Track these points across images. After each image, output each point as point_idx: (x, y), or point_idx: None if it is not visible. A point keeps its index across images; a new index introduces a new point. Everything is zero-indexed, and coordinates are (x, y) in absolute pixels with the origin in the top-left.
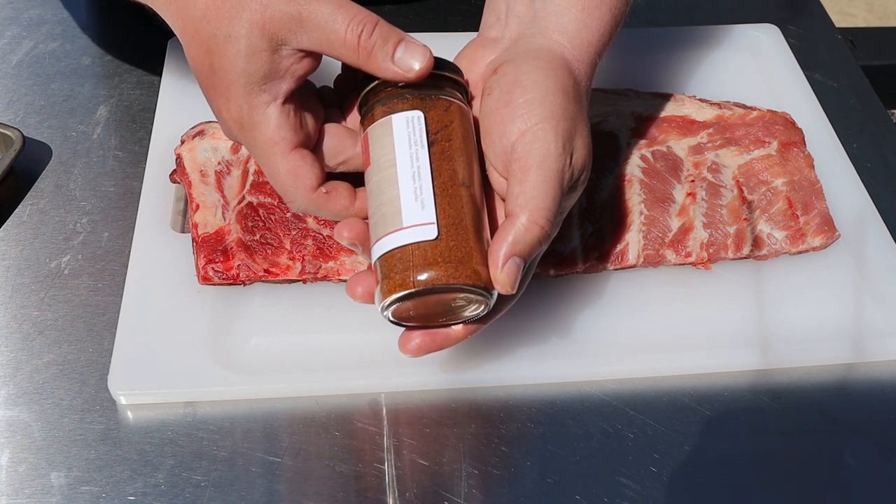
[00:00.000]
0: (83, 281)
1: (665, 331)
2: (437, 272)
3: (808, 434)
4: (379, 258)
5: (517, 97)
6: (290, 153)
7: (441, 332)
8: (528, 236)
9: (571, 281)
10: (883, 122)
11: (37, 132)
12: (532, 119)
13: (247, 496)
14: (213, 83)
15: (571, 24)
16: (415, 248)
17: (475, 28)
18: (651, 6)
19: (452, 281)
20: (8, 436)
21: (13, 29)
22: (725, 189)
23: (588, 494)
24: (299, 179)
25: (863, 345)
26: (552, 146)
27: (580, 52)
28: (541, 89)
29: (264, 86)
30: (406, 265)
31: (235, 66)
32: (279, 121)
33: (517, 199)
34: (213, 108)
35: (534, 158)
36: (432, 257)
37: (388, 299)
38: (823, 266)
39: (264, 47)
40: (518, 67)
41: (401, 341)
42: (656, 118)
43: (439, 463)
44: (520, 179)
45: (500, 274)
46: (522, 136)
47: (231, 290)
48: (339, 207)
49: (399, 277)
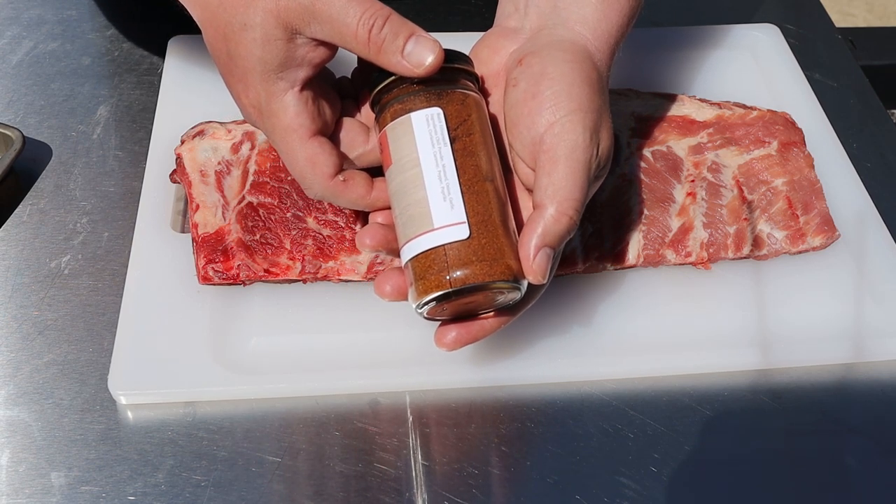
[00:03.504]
0: (83, 281)
1: (665, 331)
2: (471, 271)
3: (808, 434)
4: (410, 260)
5: (545, 89)
6: (308, 140)
7: (475, 324)
8: (557, 227)
9: (571, 281)
10: (883, 122)
11: (37, 132)
12: (560, 111)
13: (247, 496)
14: (230, 69)
15: (592, 15)
16: (448, 249)
17: (475, 28)
18: (652, 6)
19: (487, 279)
20: (8, 436)
21: (13, 29)
22: (725, 189)
23: (588, 494)
24: (317, 167)
25: (863, 345)
26: (580, 138)
27: (601, 42)
28: (567, 81)
29: (281, 73)
30: (441, 266)
31: (252, 53)
32: (297, 108)
33: (546, 191)
34: (233, 93)
35: (562, 150)
36: (466, 256)
37: (425, 299)
38: (823, 266)
39: (279, 36)
40: (544, 59)
41: (437, 336)
42: (656, 118)
43: (439, 463)
44: (548, 171)
45: (532, 265)
46: (551, 127)
47: (231, 290)
48: (355, 196)
49: (434, 278)
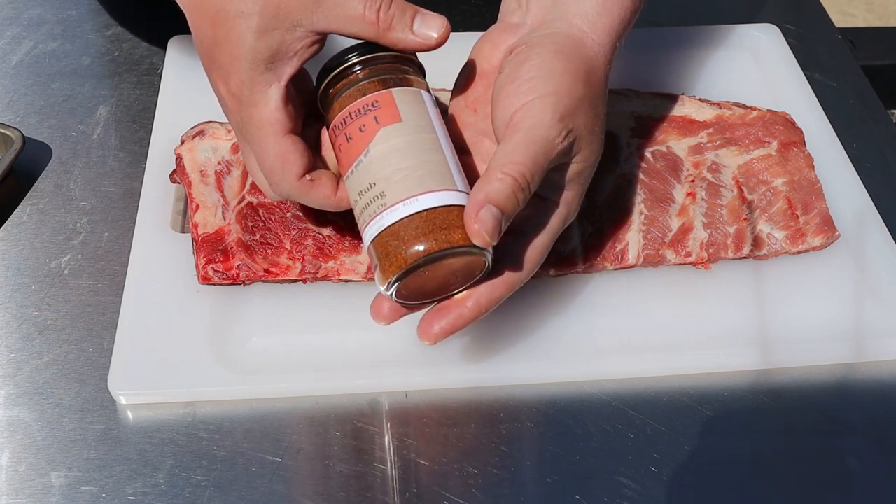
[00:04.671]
0: (83, 281)
1: (665, 331)
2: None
3: (808, 434)
4: (429, 209)
5: (524, 73)
6: (283, 136)
7: (454, 311)
8: (500, 186)
9: (571, 281)
10: (883, 122)
11: (37, 132)
12: (534, 94)
13: (247, 496)
14: (213, 56)
15: (592, 9)
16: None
17: (475, 28)
18: (652, 6)
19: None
20: (8, 436)
21: (13, 29)
22: (725, 189)
23: (588, 494)
24: (287, 164)
25: (863, 345)
26: (547, 117)
27: (600, 36)
28: (548, 68)
29: (270, 65)
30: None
31: (244, 41)
32: (279, 103)
33: (496, 158)
34: (211, 80)
35: (524, 125)
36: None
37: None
38: (823, 266)
39: (277, 26)
40: (531, 48)
41: (420, 331)
42: (656, 118)
43: (439, 463)
44: (505, 141)
45: (474, 224)
46: (522, 107)
47: (231, 290)
48: (321, 196)
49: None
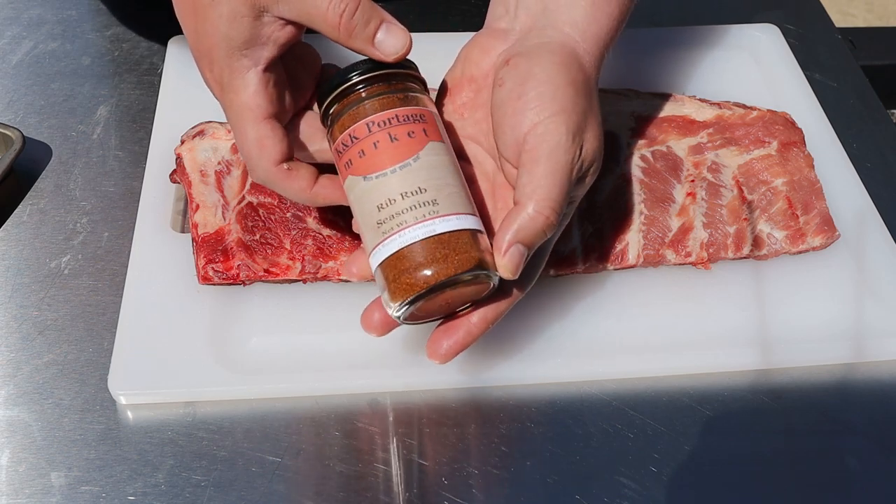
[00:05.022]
0: (83, 281)
1: (665, 331)
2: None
3: (808, 434)
4: (452, 232)
5: (530, 90)
6: (261, 121)
7: (461, 330)
8: (532, 224)
9: (571, 281)
10: (883, 122)
11: (37, 132)
12: (544, 112)
13: (247, 496)
14: (197, 45)
15: (581, 18)
16: (461, 235)
17: (475, 28)
18: (652, 6)
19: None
20: (8, 436)
21: (13, 29)
22: (725, 189)
23: (588, 494)
24: (264, 150)
25: (863, 345)
26: (563, 139)
27: (590, 45)
28: (553, 83)
29: (245, 51)
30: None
31: (218, 29)
32: (257, 88)
33: (524, 189)
34: (199, 68)
35: (543, 150)
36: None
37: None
38: (823, 266)
39: (245, 13)
40: (531, 60)
41: (429, 351)
42: (656, 118)
43: (439, 463)
44: (529, 170)
45: (502, 259)
46: (534, 128)
47: (231, 290)
48: (296, 187)
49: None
